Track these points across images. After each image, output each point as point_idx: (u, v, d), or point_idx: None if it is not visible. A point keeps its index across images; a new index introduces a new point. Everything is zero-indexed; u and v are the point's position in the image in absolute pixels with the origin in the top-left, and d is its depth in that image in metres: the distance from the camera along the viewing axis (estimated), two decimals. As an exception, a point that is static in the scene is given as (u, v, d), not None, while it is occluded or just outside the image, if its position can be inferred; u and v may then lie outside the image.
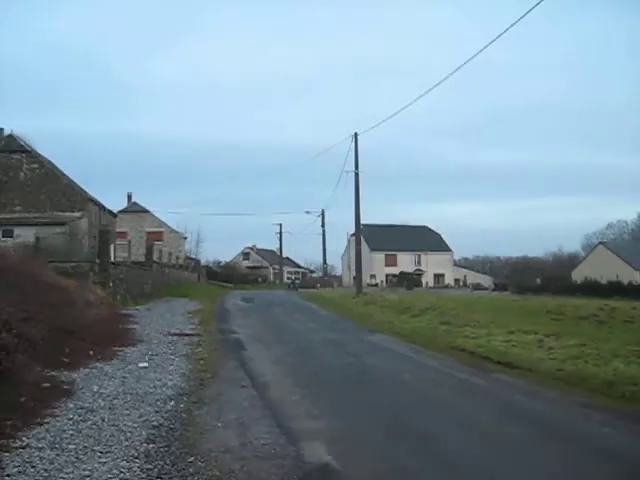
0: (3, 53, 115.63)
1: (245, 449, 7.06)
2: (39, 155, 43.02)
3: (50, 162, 44.12)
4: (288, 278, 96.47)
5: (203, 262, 78.12)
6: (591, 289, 50.20)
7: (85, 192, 43.36)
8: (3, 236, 35.07)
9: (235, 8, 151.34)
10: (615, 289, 49.19)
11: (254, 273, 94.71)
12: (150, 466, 6.39)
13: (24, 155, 41.41)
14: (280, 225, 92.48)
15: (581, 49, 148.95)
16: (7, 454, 6.54)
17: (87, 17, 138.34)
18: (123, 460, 6.53)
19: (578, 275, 72.48)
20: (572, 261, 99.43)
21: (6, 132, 42.48)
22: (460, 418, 8.79)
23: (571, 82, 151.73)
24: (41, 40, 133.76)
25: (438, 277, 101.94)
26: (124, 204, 71.66)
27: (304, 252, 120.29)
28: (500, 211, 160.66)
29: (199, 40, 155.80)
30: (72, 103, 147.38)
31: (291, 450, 7.06)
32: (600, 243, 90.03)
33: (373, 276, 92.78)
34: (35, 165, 41.46)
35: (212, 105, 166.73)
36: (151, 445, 7.08)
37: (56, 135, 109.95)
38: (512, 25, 21.15)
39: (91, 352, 13.01)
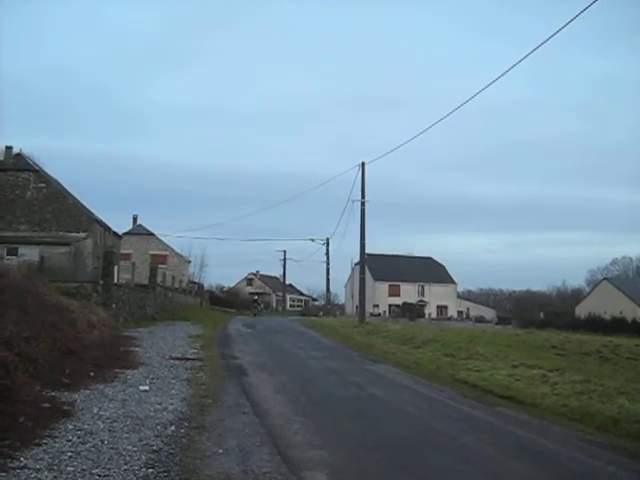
0: (16, 74, 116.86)
1: (246, 477, 6.96)
2: (47, 174, 43.31)
3: (57, 182, 44.39)
4: (288, 303, 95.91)
5: (206, 287, 78.20)
6: (595, 325, 49.88)
7: (91, 213, 43.55)
8: (8, 254, 35.19)
9: (238, 34, 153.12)
10: (619, 326, 48.87)
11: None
12: (149, 491, 6.29)
13: (32, 174, 41.69)
14: (284, 252, 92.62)
15: (589, 87, 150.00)
16: (4, 474, 6.45)
17: (94, 44, 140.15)
18: (122, 484, 6.44)
19: (582, 310, 72.18)
20: (576, 296, 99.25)
21: (15, 151, 42.81)
22: (463, 451, 8.66)
23: (577, 118, 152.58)
24: (48, 63, 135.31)
25: (441, 309, 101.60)
26: (130, 226, 72.01)
27: (308, 280, 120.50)
28: (505, 244, 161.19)
29: (206, 66, 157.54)
30: (83, 125, 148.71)
31: (292, 479, 6.96)
32: (605, 279, 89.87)
33: (376, 306, 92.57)
34: (42, 184, 41.67)
35: (219, 131, 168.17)
36: (150, 470, 6.97)
37: (65, 155, 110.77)
38: (513, 66, 21.62)
39: (92, 373, 12.92)
